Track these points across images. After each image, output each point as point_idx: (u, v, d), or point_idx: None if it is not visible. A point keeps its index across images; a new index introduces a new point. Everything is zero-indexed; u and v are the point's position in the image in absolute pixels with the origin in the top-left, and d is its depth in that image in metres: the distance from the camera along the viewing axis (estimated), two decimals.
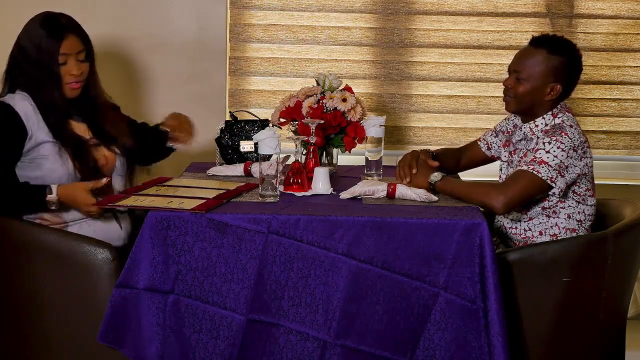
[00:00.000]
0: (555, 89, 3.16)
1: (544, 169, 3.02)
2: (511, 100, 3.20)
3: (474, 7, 4.37)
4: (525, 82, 3.16)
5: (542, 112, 3.19)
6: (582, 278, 3.01)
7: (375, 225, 2.80)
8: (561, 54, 3.16)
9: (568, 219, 3.15)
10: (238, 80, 4.39)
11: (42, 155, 3.07)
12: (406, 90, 4.43)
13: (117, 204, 2.95)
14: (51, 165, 3.07)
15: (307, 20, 4.38)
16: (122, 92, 3.73)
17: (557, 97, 3.18)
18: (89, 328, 2.90)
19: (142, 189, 3.08)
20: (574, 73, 3.20)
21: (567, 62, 3.17)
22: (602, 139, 4.45)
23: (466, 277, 2.79)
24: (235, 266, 2.81)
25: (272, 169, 2.96)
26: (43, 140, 3.07)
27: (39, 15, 3.15)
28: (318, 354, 2.81)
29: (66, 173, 3.08)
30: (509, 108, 3.23)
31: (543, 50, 3.16)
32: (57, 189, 3.00)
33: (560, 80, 3.16)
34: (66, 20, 3.14)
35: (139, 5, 4.28)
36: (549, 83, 3.15)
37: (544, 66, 3.15)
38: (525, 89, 3.16)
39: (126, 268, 2.82)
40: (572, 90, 3.23)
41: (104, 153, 3.19)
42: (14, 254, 3.01)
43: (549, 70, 3.15)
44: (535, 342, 3.00)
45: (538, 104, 3.18)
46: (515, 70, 3.18)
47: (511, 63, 3.22)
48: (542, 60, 3.15)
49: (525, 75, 3.16)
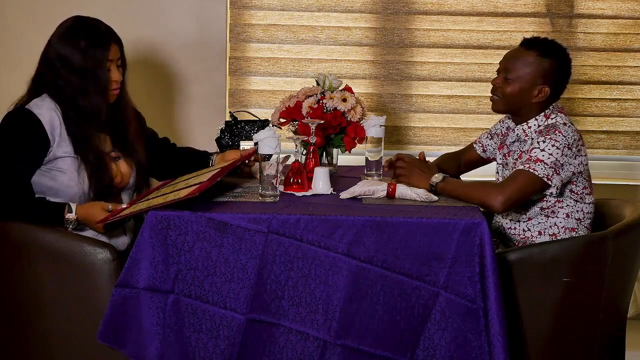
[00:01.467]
0: (543, 91, 3.16)
1: (540, 166, 3.02)
2: (498, 100, 3.22)
3: (474, 7, 4.38)
4: (513, 83, 3.17)
5: (531, 114, 3.20)
6: (582, 278, 3.01)
7: (375, 225, 2.79)
8: (552, 56, 3.17)
9: (567, 218, 3.15)
10: (238, 80, 4.39)
11: (60, 168, 3.06)
12: (406, 90, 4.43)
13: (118, 216, 2.94)
14: (67, 182, 3.05)
15: (307, 20, 4.39)
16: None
17: (545, 100, 3.18)
18: (89, 328, 2.90)
19: (143, 197, 3.07)
20: (563, 76, 3.21)
21: (557, 65, 3.17)
22: (602, 139, 4.45)
23: (466, 277, 2.79)
24: (235, 266, 2.81)
25: (272, 168, 2.96)
26: (64, 153, 3.06)
27: (73, 20, 3.12)
28: (318, 353, 2.81)
29: (80, 191, 3.07)
30: (496, 107, 3.24)
31: (534, 52, 3.17)
32: (76, 208, 3.00)
33: (548, 83, 3.16)
34: (104, 26, 3.13)
35: (139, 5, 4.28)
36: (537, 85, 3.16)
37: (533, 68, 3.15)
38: (513, 89, 3.17)
39: (126, 268, 2.81)
40: (561, 93, 3.24)
41: (121, 168, 3.19)
42: (14, 254, 3.00)
43: (539, 73, 3.15)
44: (535, 342, 3.00)
45: (525, 106, 3.19)
46: (505, 69, 3.19)
47: (500, 62, 3.24)
48: (532, 62, 3.16)
49: (513, 76, 3.16)
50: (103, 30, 3.11)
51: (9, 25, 4.19)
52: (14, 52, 4.20)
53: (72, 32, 3.08)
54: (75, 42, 3.06)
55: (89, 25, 3.11)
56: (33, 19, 4.15)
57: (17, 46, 4.17)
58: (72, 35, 3.07)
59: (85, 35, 3.07)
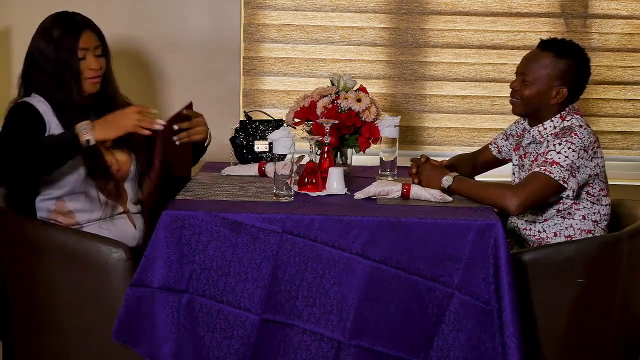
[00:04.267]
0: (561, 92, 3.15)
1: (555, 169, 3.02)
2: (517, 103, 3.20)
3: (488, 7, 4.37)
4: (531, 85, 3.16)
5: (549, 116, 3.19)
6: (596, 279, 3.01)
7: (390, 225, 2.79)
8: (568, 57, 3.15)
9: (583, 220, 3.14)
10: (252, 80, 4.40)
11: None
12: (420, 91, 4.42)
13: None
14: (64, 168, 3.06)
15: (321, 20, 4.39)
16: (136, 91, 3.73)
17: (564, 101, 3.17)
18: (104, 327, 2.90)
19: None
20: (581, 77, 3.19)
21: (574, 65, 3.16)
22: (616, 139, 4.44)
23: (480, 278, 2.78)
24: (249, 266, 2.82)
25: (286, 168, 2.96)
26: None
27: (52, 15, 3.17)
28: (332, 354, 2.81)
29: (76, 177, 3.08)
30: (516, 111, 3.23)
31: (550, 53, 3.15)
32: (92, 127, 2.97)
33: (566, 84, 3.15)
34: (80, 17, 3.16)
35: (154, 6, 4.29)
36: (555, 86, 3.15)
37: (550, 69, 3.14)
38: (531, 91, 3.16)
39: (141, 267, 2.82)
40: (580, 94, 3.22)
41: (117, 157, 3.19)
42: (29, 254, 3.01)
43: (555, 74, 3.14)
44: (550, 343, 3.00)
45: (544, 107, 3.18)
46: (522, 72, 3.19)
47: (518, 65, 3.23)
48: (548, 64, 3.15)
49: (531, 78, 3.15)
50: (78, 20, 3.14)
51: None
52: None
53: (48, 26, 3.13)
54: (49, 35, 3.10)
55: (64, 17, 3.15)
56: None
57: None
58: (48, 29, 3.12)
59: (59, 26, 3.11)
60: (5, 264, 3.08)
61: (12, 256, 3.06)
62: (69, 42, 3.09)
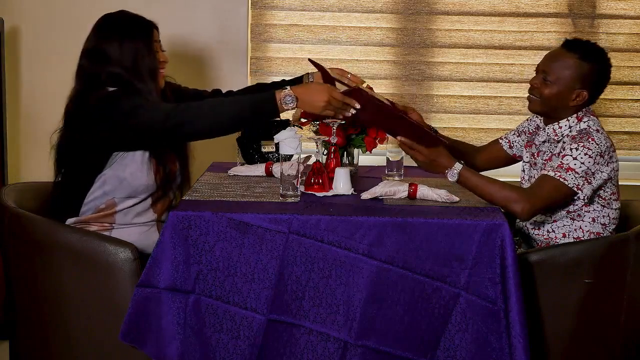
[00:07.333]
0: (582, 95, 3.12)
1: (570, 176, 2.99)
2: (535, 100, 3.16)
3: (496, 8, 4.37)
4: (552, 85, 3.12)
5: (565, 116, 3.15)
6: (604, 279, 3.00)
7: (397, 225, 2.79)
8: (592, 61, 3.11)
9: (592, 222, 3.12)
10: (259, 80, 4.40)
11: (130, 157, 3.06)
12: (427, 91, 4.42)
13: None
14: (135, 172, 3.06)
15: (328, 20, 4.39)
16: None
17: (582, 104, 3.15)
18: (111, 327, 2.91)
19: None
20: (601, 81, 3.15)
21: (597, 69, 3.12)
22: (624, 139, 4.43)
23: (487, 278, 2.78)
24: (256, 266, 2.82)
25: (293, 169, 2.96)
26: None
27: (112, 17, 3.15)
28: (339, 354, 2.81)
29: (145, 182, 3.08)
30: (533, 107, 3.18)
31: (574, 54, 3.10)
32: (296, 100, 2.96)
33: (587, 87, 3.11)
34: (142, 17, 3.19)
35: (161, 6, 4.29)
36: (576, 89, 3.11)
37: (572, 71, 3.10)
38: (552, 91, 3.12)
39: (147, 267, 2.83)
40: (597, 97, 3.19)
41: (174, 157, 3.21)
42: (36, 253, 3.02)
43: (578, 76, 3.10)
44: (557, 344, 2.99)
45: (561, 108, 3.14)
46: (544, 70, 3.13)
47: (540, 62, 3.17)
48: (572, 65, 3.10)
49: (552, 78, 3.11)
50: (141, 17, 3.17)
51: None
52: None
53: (113, 25, 3.11)
54: (119, 32, 3.09)
55: (128, 14, 3.16)
56: (58, 18, 4.18)
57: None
58: (114, 27, 3.11)
59: (130, 24, 3.12)
60: (12, 263, 3.09)
61: (19, 256, 3.06)
62: (146, 37, 3.11)
